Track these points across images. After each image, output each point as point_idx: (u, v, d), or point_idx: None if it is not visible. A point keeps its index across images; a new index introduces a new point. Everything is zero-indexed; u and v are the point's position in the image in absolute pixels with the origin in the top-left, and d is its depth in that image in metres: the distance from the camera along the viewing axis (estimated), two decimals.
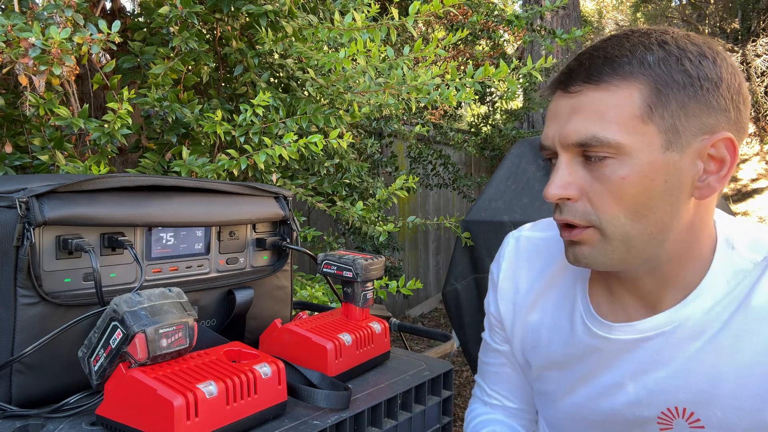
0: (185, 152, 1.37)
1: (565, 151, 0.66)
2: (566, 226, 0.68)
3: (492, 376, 0.96)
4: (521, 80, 1.68)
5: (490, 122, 5.22)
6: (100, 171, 1.23)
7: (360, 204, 1.82)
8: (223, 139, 1.44)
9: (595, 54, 0.65)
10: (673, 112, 0.62)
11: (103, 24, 1.13)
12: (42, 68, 1.05)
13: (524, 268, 0.88)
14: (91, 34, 1.12)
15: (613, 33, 0.70)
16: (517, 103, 6.47)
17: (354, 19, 1.53)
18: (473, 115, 5.78)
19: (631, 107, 0.62)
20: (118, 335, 0.60)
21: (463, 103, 4.82)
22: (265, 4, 1.45)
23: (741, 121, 0.66)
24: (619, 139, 0.62)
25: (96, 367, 0.62)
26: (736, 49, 8.78)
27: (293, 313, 1.04)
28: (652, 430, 0.72)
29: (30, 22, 1.07)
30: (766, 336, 0.65)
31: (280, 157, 1.44)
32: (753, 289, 0.66)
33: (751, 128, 9.29)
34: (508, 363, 0.93)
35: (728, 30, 9.67)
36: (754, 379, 0.65)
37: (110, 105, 1.20)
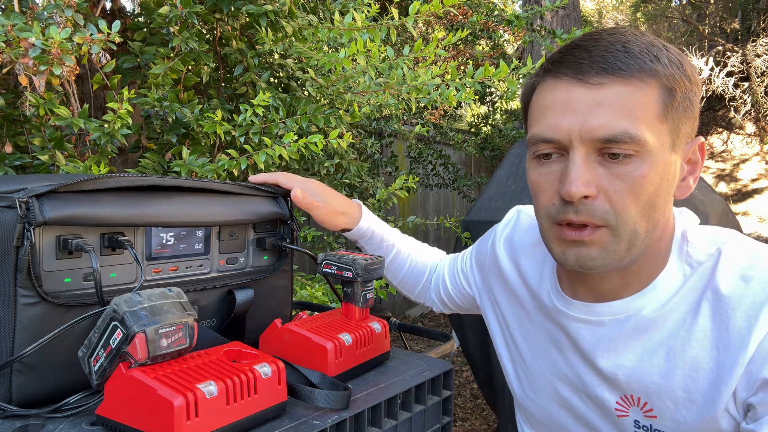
0: (185, 152, 1.37)
1: (584, 146, 0.63)
2: (571, 225, 0.65)
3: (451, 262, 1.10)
4: (521, 80, 1.68)
5: (490, 122, 5.22)
6: (100, 171, 1.23)
7: None
8: (223, 139, 1.44)
9: (613, 47, 0.63)
10: (677, 115, 0.64)
11: (103, 24, 1.13)
12: (42, 68, 1.05)
13: (514, 239, 0.93)
14: (91, 34, 1.12)
15: (593, 30, 0.68)
16: (517, 103, 6.46)
17: (354, 19, 1.53)
18: (473, 115, 5.78)
19: (654, 105, 0.62)
20: (118, 335, 0.60)
21: (463, 103, 4.82)
22: (265, 4, 1.45)
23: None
24: (647, 136, 0.61)
25: (96, 367, 0.62)
26: (736, 49, 8.77)
27: (293, 313, 1.04)
28: (611, 414, 0.73)
29: (30, 22, 1.07)
30: (715, 331, 0.65)
31: (280, 157, 1.44)
32: (708, 283, 0.67)
33: (751, 128, 9.29)
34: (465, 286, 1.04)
35: (728, 30, 9.67)
36: (703, 374, 0.65)
37: (110, 105, 1.20)
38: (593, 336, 0.73)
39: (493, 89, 4.62)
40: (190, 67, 1.52)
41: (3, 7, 1.34)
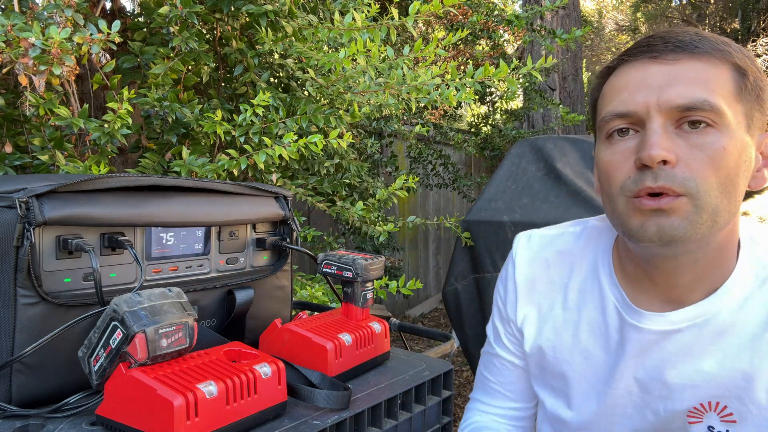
0: (185, 152, 1.37)
1: (661, 116, 0.62)
2: (650, 195, 0.63)
3: (496, 393, 0.92)
4: (521, 80, 1.69)
5: (490, 122, 5.22)
6: (100, 171, 1.23)
7: (360, 204, 1.82)
8: (223, 139, 1.44)
9: (686, 32, 0.65)
10: (750, 98, 0.64)
11: (103, 24, 1.13)
12: (42, 68, 1.05)
13: (542, 266, 0.84)
14: (91, 34, 1.12)
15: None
16: (517, 103, 6.47)
17: (354, 19, 1.53)
18: (473, 115, 5.77)
19: (729, 83, 0.63)
20: (118, 335, 0.60)
21: (463, 103, 4.82)
22: (265, 4, 1.45)
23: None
24: (725, 108, 0.61)
25: (96, 367, 0.62)
26: None
27: (293, 313, 1.04)
28: (681, 422, 0.71)
29: (30, 22, 1.07)
30: None
31: (280, 157, 1.44)
32: None
33: None
34: (517, 373, 0.89)
35: (728, 30, 9.66)
36: None
37: (110, 105, 1.20)
38: (667, 346, 0.70)
39: (493, 89, 4.62)
40: (190, 67, 1.52)
41: (3, 7, 1.34)
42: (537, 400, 0.91)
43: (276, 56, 1.70)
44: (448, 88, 1.60)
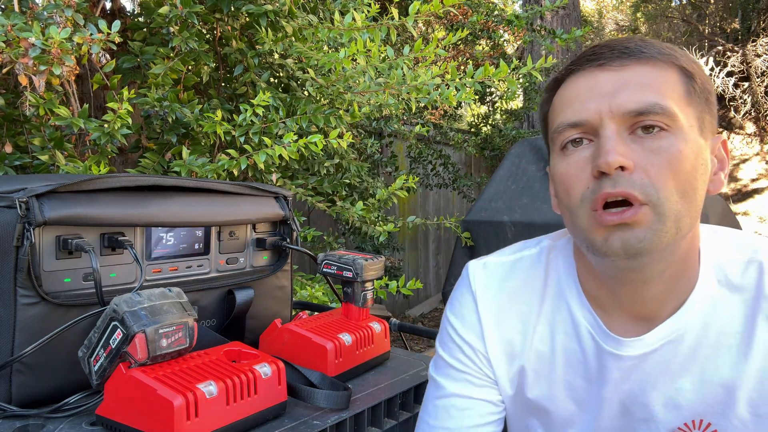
0: (185, 152, 1.37)
1: (614, 122, 0.61)
2: (610, 208, 0.61)
3: None
4: (521, 80, 1.68)
5: (490, 122, 5.22)
6: (100, 171, 1.23)
7: (360, 204, 1.82)
8: (223, 139, 1.44)
9: (630, 39, 0.65)
10: (699, 102, 0.64)
11: (103, 24, 1.13)
12: (42, 68, 1.05)
13: (505, 295, 0.78)
14: (91, 34, 1.12)
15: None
16: (517, 103, 6.46)
17: (354, 19, 1.53)
18: (473, 115, 5.78)
19: (678, 86, 0.62)
20: (118, 335, 0.60)
21: (463, 103, 4.82)
22: (265, 4, 1.45)
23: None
24: (677, 111, 0.60)
25: (96, 367, 0.62)
26: (736, 49, 8.78)
27: (293, 313, 1.04)
28: None
29: (30, 22, 1.07)
30: None
31: (280, 157, 1.44)
32: (758, 293, 0.65)
33: (751, 128, 9.29)
34: (487, 414, 0.78)
35: (728, 30, 9.66)
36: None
37: (110, 105, 1.20)
38: (645, 367, 0.69)
39: (493, 89, 4.63)
40: (190, 67, 1.52)
41: (3, 7, 1.34)
42: None
43: (276, 56, 1.70)
44: (448, 88, 1.60)
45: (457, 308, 0.80)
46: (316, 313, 1.05)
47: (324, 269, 0.91)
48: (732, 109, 9.14)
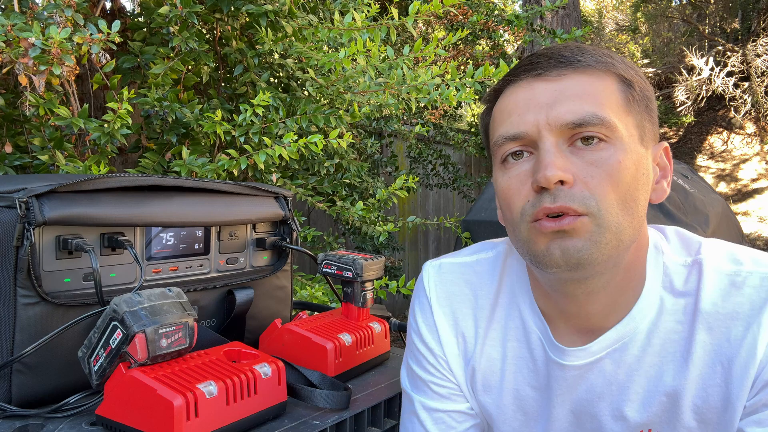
0: (185, 152, 1.37)
1: (553, 135, 0.60)
2: (551, 216, 0.61)
3: None
4: None
5: None
6: (100, 171, 1.23)
7: (360, 204, 1.82)
8: (223, 139, 1.45)
9: (567, 47, 0.64)
10: (639, 110, 0.63)
11: (103, 24, 1.13)
12: (42, 68, 1.05)
13: (458, 296, 0.77)
14: (91, 34, 1.12)
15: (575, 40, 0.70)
16: None
17: (354, 19, 1.53)
18: (473, 115, 5.78)
19: (616, 94, 0.62)
20: (118, 335, 0.60)
21: (463, 103, 4.82)
22: (265, 4, 1.45)
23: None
24: (615, 121, 0.60)
25: (96, 367, 0.62)
26: (736, 49, 8.78)
27: (293, 313, 1.04)
28: None
29: (30, 22, 1.07)
30: (716, 346, 0.62)
31: (280, 157, 1.44)
32: (697, 297, 0.64)
33: (752, 128, 9.28)
34: (466, 422, 0.77)
35: (728, 30, 9.66)
36: (712, 391, 0.62)
37: (110, 105, 1.20)
38: (590, 377, 0.68)
39: None
40: (190, 67, 1.52)
41: (3, 7, 1.34)
42: None
43: (276, 56, 1.70)
44: (448, 88, 1.60)
45: (416, 309, 0.80)
46: (316, 313, 1.05)
47: (324, 269, 0.91)
48: (732, 109, 9.14)
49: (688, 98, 9.02)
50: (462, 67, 1.95)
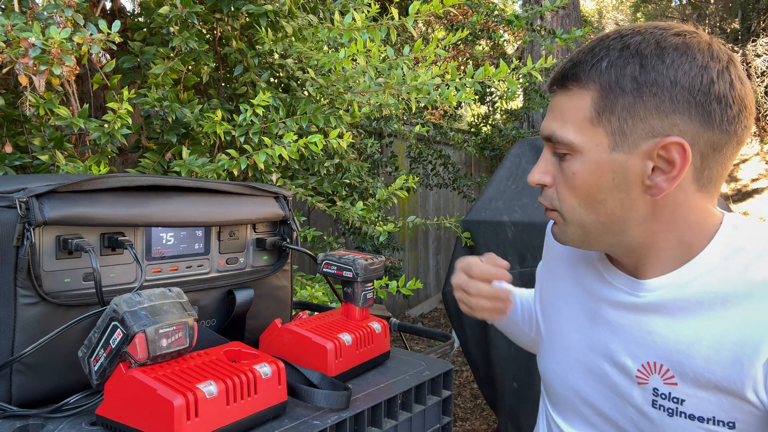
0: (185, 152, 1.37)
1: (546, 144, 0.75)
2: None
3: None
4: (521, 80, 1.68)
5: (490, 122, 5.22)
6: (100, 171, 1.23)
7: (360, 204, 1.82)
8: (223, 139, 1.45)
9: (573, 58, 0.72)
10: (619, 116, 0.67)
11: (103, 24, 1.13)
12: (42, 68, 1.05)
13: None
14: (91, 34, 1.12)
15: (612, 30, 0.74)
16: (517, 103, 6.47)
17: (354, 19, 1.53)
18: (473, 115, 5.78)
19: (584, 111, 0.69)
20: (118, 335, 0.60)
21: (463, 103, 4.82)
22: (265, 4, 1.45)
23: (712, 121, 0.67)
24: (572, 138, 0.70)
25: (96, 367, 0.62)
26: (736, 49, 8.77)
27: (293, 313, 1.04)
28: (631, 381, 0.75)
29: (30, 22, 1.07)
30: (747, 310, 0.67)
31: (280, 157, 1.44)
32: (748, 265, 0.68)
33: (751, 128, 9.28)
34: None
35: (728, 30, 9.66)
36: (725, 347, 0.67)
37: (110, 105, 1.20)
38: (628, 307, 0.76)
39: (493, 89, 4.63)
40: (190, 67, 1.52)
41: (3, 7, 1.35)
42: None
43: (276, 56, 1.70)
44: (448, 88, 1.60)
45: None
46: (316, 313, 1.05)
47: (324, 269, 0.91)
48: None
49: None
50: (462, 67, 1.95)
